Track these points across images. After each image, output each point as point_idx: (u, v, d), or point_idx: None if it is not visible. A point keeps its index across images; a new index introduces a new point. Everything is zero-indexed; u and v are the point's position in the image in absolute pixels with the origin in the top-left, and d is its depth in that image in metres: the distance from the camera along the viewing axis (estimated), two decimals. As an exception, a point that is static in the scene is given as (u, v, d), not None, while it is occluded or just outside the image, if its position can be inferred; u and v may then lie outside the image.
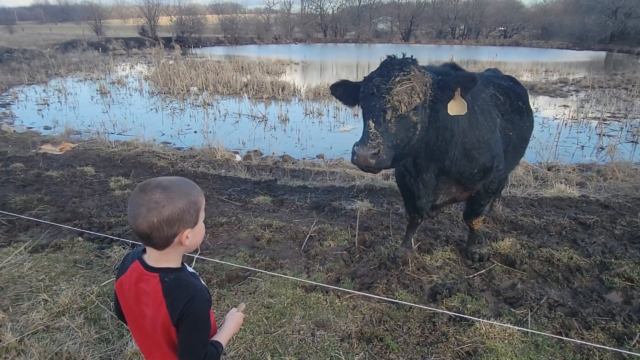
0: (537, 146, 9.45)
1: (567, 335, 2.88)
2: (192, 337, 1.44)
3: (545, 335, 2.84)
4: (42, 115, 13.71)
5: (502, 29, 68.94)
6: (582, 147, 10.25)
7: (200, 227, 1.49)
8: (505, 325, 2.89)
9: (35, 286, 3.44)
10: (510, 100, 3.69)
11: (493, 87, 3.63)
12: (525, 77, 22.51)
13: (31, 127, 12.18)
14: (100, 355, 2.71)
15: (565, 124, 12.13)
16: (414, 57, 2.86)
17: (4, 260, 3.74)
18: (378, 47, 47.08)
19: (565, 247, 4.07)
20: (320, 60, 34.64)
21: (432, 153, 3.02)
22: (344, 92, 3.03)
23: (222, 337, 1.65)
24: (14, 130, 11.46)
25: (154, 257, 1.46)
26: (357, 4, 71.51)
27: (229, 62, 25.40)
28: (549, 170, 7.99)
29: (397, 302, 3.20)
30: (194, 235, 1.45)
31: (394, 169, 4.21)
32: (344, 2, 72.17)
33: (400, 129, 2.70)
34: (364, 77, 2.88)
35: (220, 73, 20.27)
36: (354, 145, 2.64)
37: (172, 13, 55.86)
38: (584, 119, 13.01)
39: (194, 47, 42.27)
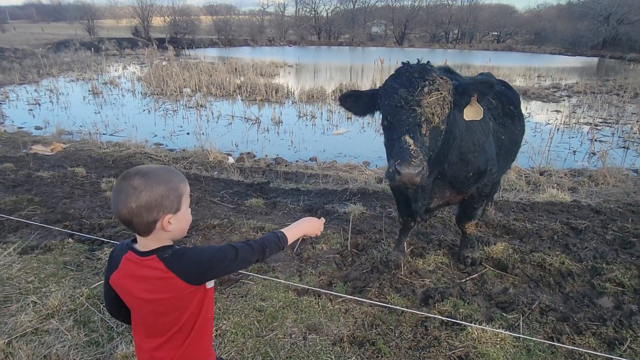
0: (530, 151, 9.53)
1: (558, 340, 2.89)
2: (233, 264, 1.53)
3: (536, 340, 2.85)
4: (34, 115, 13.57)
5: (496, 33, 69.54)
6: (574, 152, 10.32)
7: (184, 213, 1.49)
8: (497, 330, 2.89)
9: (24, 288, 3.39)
10: (502, 104, 3.71)
11: (486, 91, 3.65)
12: (518, 82, 22.69)
13: (22, 127, 12.04)
14: (89, 358, 2.67)
15: (558, 129, 12.22)
16: (430, 63, 2.82)
17: (-8, 262, 3.69)
18: (372, 51, 47.30)
19: (557, 252, 4.08)
20: (314, 62, 34.67)
21: (436, 157, 2.99)
22: (355, 102, 2.97)
23: (289, 229, 1.74)
24: (5, 130, 11.34)
25: (144, 244, 1.47)
26: (352, 7, 71.79)
27: (222, 64, 25.33)
28: (541, 174, 8.04)
29: (389, 307, 3.19)
30: (177, 222, 1.46)
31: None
32: (338, 5, 72.52)
33: (432, 140, 2.68)
34: (382, 87, 2.81)
35: (213, 75, 20.19)
36: (393, 164, 2.54)
37: (165, 14, 55.68)
38: (576, 124, 13.11)
39: (187, 48, 42.16)
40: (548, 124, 13.09)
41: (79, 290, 3.32)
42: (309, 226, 1.80)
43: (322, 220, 1.89)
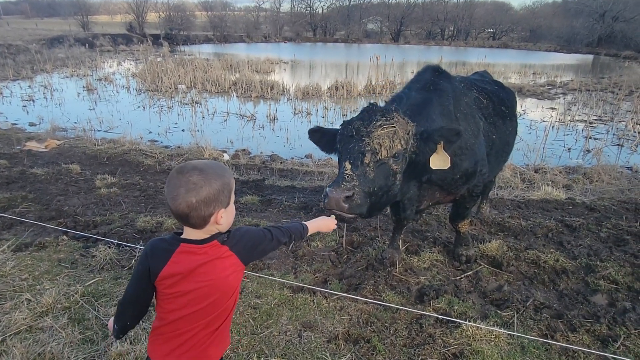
0: (525, 148, 9.57)
1: (552, 337, 2.91)
2: (270, 244, 1.72)
3: (530, 338, 2.86)
4: (27, 112, 13.48)
5: (491, 30, 69.68)
6: (569, 149, 10.37)
7: (232, 207, 1.59)
8: (492, 328, 2.90)
9: (18, 285, 3.36)
10: (493, 104, 3.71)
11: (476, 91, 3.65)
12: (513, 80, 22.75)
13: (16, 124, 11.96)
14: (84, 356, 2.66)
15: (553, 127, 12.29)
16: (396, 108, 2.79)
17: (-14, 260, 3.66)
18: (367, 48, 47.16)
19: (552, 250, 4.10)
20: (309, 59, 34.60)
21: (410, 176, 2.99)
22: (320, 138, 2.94)
23: (310, 223, 2.01)
24: (-2, 127, 11.27)
25: (196, 236, 1.54)
26: (347, 3, 71.69)
27: (217, 60, 25.23)
28: (536, 172, 8.08)
29: (383, 304, 3.19)
30: (227, 215, 1.55)
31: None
32: (333, 1, 72.38)
33: (379, 176, 2.58)
34: (343, 120, 2.79)
35: (208, 71, 20.10)
36: (326, 187, 2.52)
37: (160, 10, 55.40)
38: (570, 121, 13.17)
39: (182, 44, 41.91)
40: (543, 121, 13.15)
41: (73, 288, 3.30)
42: (324, 222, 2.11)
43: (334, 219, 2.18)
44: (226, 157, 9.13)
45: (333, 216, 2.17)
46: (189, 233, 1.55)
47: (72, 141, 9.47)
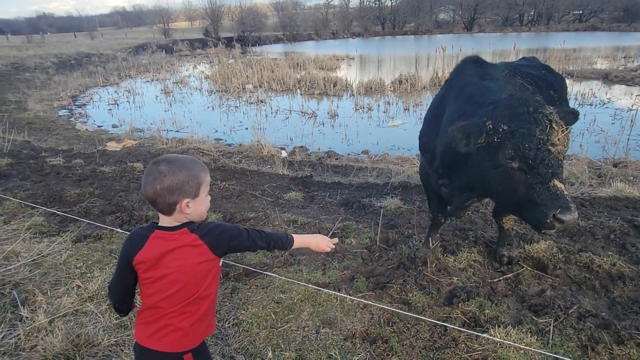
0: (603, 140, 8.72)
1: (593, 349, 2.62)
2: (245, 242, 1.75)
3: (551, 355, 2.60)
4: (112, 115, 14.80)
5: (578, 12, 63.93)
6: (660, 140, 9.26)
7: (202, 199, 1.68)
8: (509, 342, 2.66)
9: (72, 273, 3.70)
10: (540, 89, 3.40)
11: (520, 77, 3.37)
12: (599, 65, 20.74)
13: (101, 126, 13.20)
14: (115, 339, 2.86)
15: (641, 116, 11.03)
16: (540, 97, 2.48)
17: (50, 248, 4.08)
18: (438, 39, 45.50)
19: (610, 253, 3.69)
20: (377, 53, 34.21)
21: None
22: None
23: (298, 237, 1.97)
24: (86, 129, 12.49)
25: (168, 222, 1.67)
26: (418, -6, 69.65)
27: (284, 59, 25.79)
28: (614, 166, 7.33)
29: (397, 312, 3.07)
30: (195, 206, 1.64)
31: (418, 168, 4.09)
32: (404, -7, 70.75)
33: None
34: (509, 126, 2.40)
35: (275, 70, 20.64)
36: (557, 212, 2.21)
37: (234, 13, 57.78)
38: (665, 109, 11.73)
39: (252, 45, 43.42)
40: (631, 109, 11.84)
41: (117, 277, 3.56)
42: (315, 242, 2.02)
43: (335, 240, 2.08)
44: (284, 154, 9.32)
45: (336, 240, 2.06)
46: (162, 220, 1.68)
47: (145, 140, 10.23)
